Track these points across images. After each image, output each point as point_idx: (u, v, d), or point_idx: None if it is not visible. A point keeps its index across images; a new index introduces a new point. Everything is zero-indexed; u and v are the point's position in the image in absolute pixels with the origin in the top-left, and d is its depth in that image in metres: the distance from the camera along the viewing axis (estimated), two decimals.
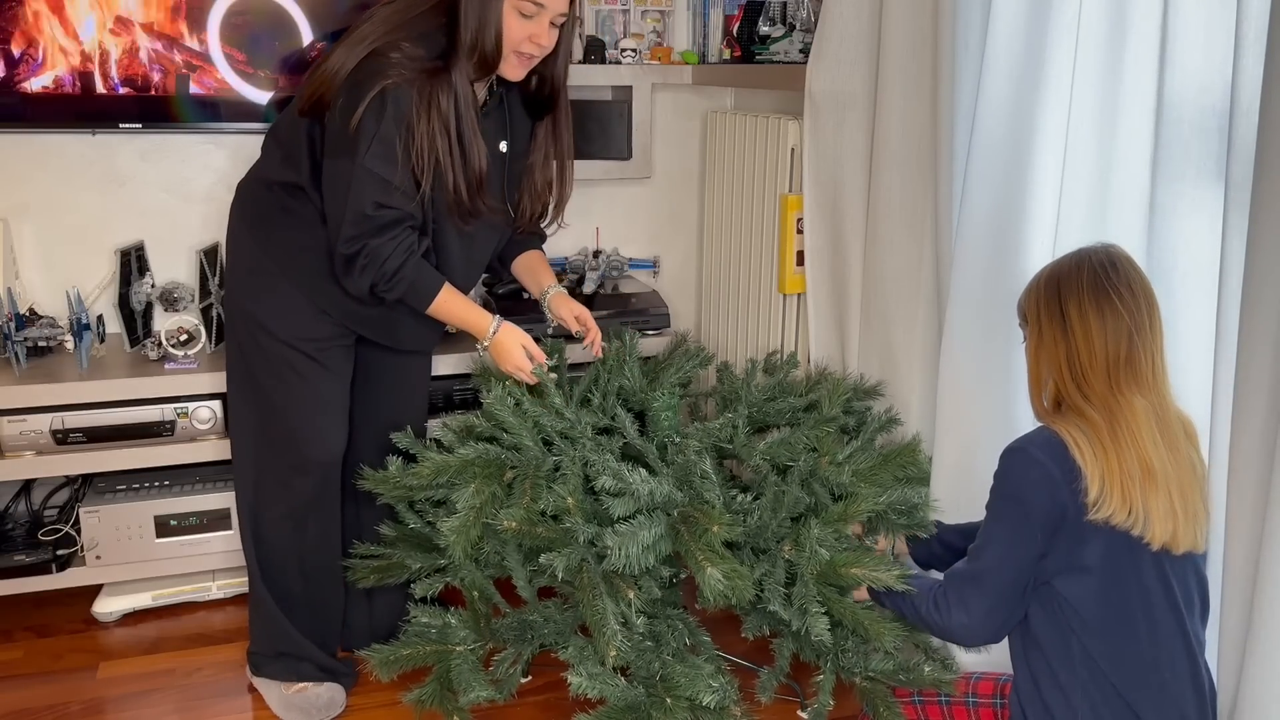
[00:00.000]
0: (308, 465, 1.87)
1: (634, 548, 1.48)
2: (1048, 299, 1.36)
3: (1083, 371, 1.33)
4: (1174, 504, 1.29)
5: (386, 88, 1.64)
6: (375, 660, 1.70)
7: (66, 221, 2.39)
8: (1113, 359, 1.31)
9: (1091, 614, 1.31)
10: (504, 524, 1.58)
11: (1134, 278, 1.34)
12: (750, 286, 2.47)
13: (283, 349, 1.82)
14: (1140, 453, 1.28)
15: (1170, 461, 1.30)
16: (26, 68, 2.16)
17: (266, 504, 1.91)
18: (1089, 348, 1.32)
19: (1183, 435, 1.34)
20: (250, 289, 1.84)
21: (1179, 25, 1.40)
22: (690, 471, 1.64)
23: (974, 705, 1.49)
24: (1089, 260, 1.35)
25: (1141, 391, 1.32)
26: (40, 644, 2.22)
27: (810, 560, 1.51)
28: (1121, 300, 1.31)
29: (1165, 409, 1.33)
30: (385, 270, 1.71)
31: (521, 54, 1.72)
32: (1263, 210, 1.20)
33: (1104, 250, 1.36)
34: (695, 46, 2.68)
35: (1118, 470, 1.28)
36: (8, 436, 2.11)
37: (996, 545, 1.35)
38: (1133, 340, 1.31)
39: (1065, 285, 1.35)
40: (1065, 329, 1.34)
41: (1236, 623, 1.29)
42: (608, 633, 1.49)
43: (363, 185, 1.67)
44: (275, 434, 1.87)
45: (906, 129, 1.88)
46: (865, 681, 1.54)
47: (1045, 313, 1.36)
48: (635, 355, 2.04)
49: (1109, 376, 1.31)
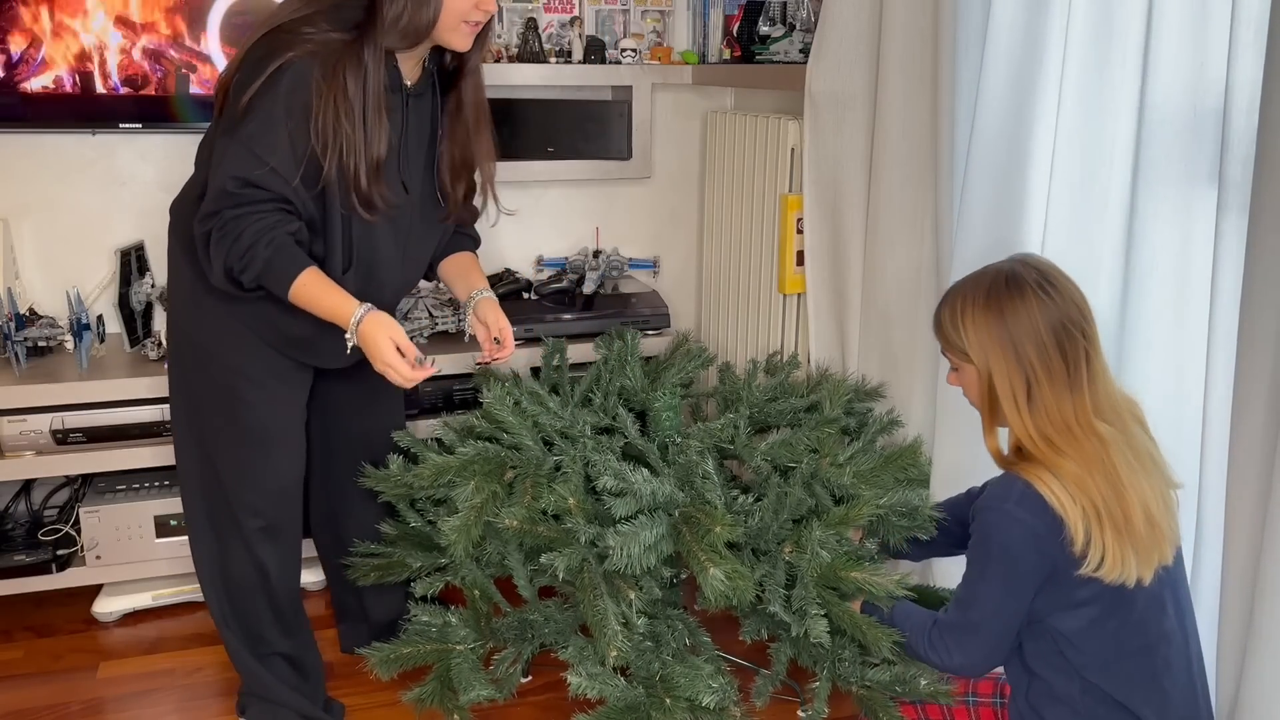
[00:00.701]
0: (258, 502, 1.75)
1: (635, 548, 1.48)
2: (991, 324, 1.31)
3: (1044, 406, 1.29)
4: (1155, 531, 1.26)
5: (286, 62, 1.51)
6: (375, 659, 1.70)
7: (66, 221, 2.39)
8: (1074, 379, 1.28)
9: (1089, 646, 1.30)
10: (505, 523, 1.58)
11: (1065, 282, 1.32)
12: (750, 286, 2.47)
13: (230, 376, 1.70)
14: (1119, 492, 1.25)
15: (1142, 476, 1.27)
16: (26, 68, 2.16)
17: (229, 551, 1.78)
18: (1047, 372, 1.28)
19: (1137, 428, 1.32)
20: (193, 318, 1.71)
21: (1178, 25, 1.40)
22: (692, 472, 1.64)
23: (974, 705, 1.49)
24: (1024, 280, 1.30)
25: (1098, 408, 1.29)
26: (40, 644, 2.22)
27: (811, 562, 1.51)
28: (1069, 312, 1.29)
29: (1117, 411, 1.31)
30: (238, 247, 1.53)
31: (469, 22, 1.60)
32: (1263, 211, 1.20)
33: (1028, 261, 1.33)
34: (695, 46, 2.68)
35: (1103, 520, 1.25)
36: (8, 436, 2.11)
37: (987, 601, 1.33)
38: (1087, 353, 1.29)
39: (1010, 312, 1.30)
40: (1019, 357, 1.29)
41: (1236, 623, 1.29)
42: (608, 633, 1.49)
43: (231, 159, 1.52)
44: (224, 467, 1.74)
45: (906, 129, 1.88)
46: (862, 690, 1.54)
47: (991, 341, 1.31)
48: (637, 355, 2.04)
49: (1072, 403, 1.28)
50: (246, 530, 1.76)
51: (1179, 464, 1.38)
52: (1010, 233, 1.62)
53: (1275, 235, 1.19)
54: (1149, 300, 1.50)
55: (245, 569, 1.79)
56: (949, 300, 1.37)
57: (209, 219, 1.55)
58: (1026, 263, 1.34)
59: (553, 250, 2.74)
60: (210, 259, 1.57)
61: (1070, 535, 1.25)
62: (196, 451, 1.77)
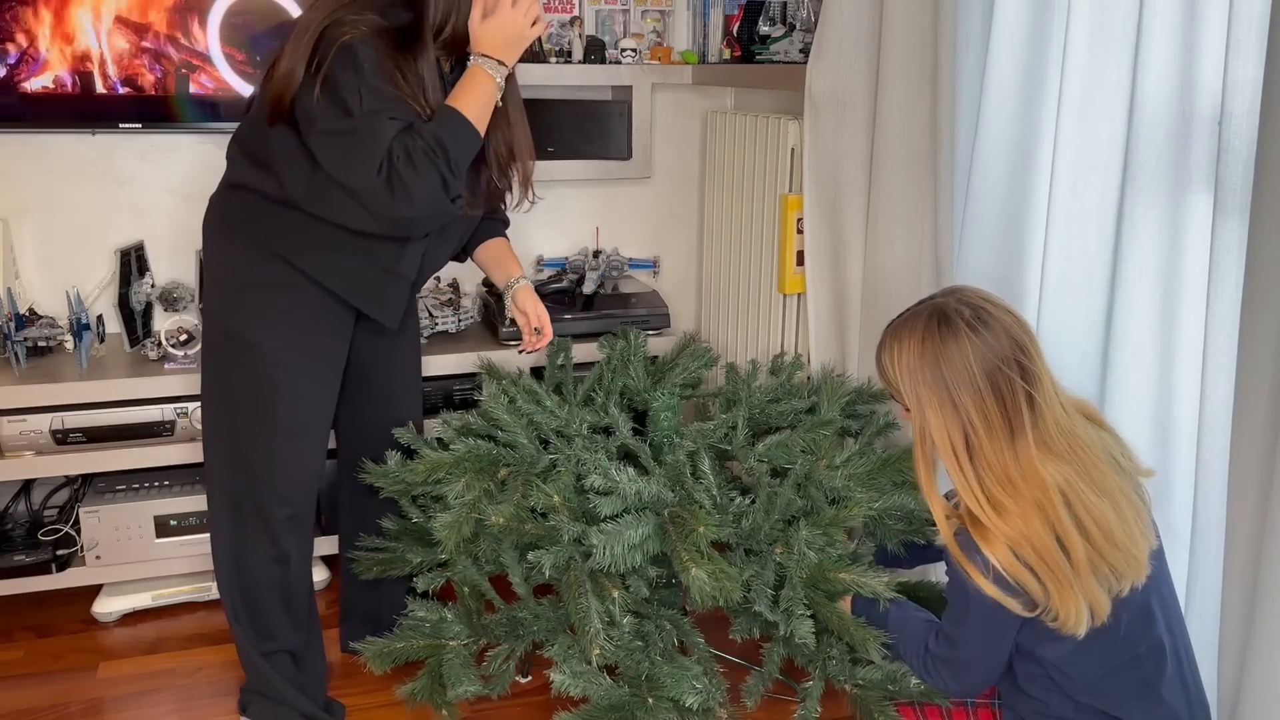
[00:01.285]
0: (287, 492, 1.77)
1: (619, 547, 1.48)
2: (927, 372, 1.28)
3: (985, 459, 1.25)
4: (1118, 553, 1.24)
5: (346, 42, 1.51)
6: (369, 653, 1.71)
7: (66, 221, 2.39)
8: (1015, 426, 1.24)
9: (1076, 670, 1.30)
10: (493, 519, 1.58)
11: (1000, 314, 1.28)
12: (750, 286, 2.47)
13: (268, 369, 1.71)
14: (1066, 538, 1.22)
15: (1104, 496, 1.24)
16: (26, 68, 2.16)
17: (250, 543, 1.79)
18: (985, 424, 1.25)
19: (1092, 430, 1.29)
20: (234, 306, 1.72)
21: (1169, 27, 1.39)
22: (681, 472, 1.64)
23: (972, 706, 1.49)
24: (955, 319, 1.27)
25: (1044, 443, 1.25)
26: (40, 644, 2.22)
27: (799, 563, 1.50)
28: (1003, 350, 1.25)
29: (1068, 432, 1.27)
30: (429, 146, 1.53)
31: None
32: (1264, 213, 1.20)
33: (962, 296, 1.30)
34: (695, 46, 2.68)
35: (1048, 576, 1.22)
36: (8, 436, 2.11)
37: (972, 642, 1.33)
38: (1027, 394, 1.25)
39: (944, 359, 1.26)
40: (955, 407, 1.26)
41: (1236, 623, 1.29)
42: (591, 631, 1.49)
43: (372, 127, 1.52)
44: (253, 459, 1.74)
45: (906, 129, 1.87)
46: (855, 689, 1.54)
47: (927, 391, 1.28)
48: (640, 355, 2.04)
49: (1013, 451, 1.24)
50: (274, 520, 1.77)
51: (1162, 464, 1.38)
52: (1015, 238, 1.61)
53: (1276, 235, 1.18)
54: (1138, 303, 1.49)
55: (264, 562, 1.80)
56: (885, 344, 1.35)
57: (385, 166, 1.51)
58: (960, 297, 1.30)
59: (553, 250, 2.74)
60: (418, 183, 1.53)
61: (1042, 608, 1.24)
62: (226, 444, 1.77)
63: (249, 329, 1.71)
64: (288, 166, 1.63)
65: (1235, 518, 1.28)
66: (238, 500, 1.78)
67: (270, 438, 1.74)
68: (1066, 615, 1.22)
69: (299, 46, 1.55)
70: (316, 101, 1.53)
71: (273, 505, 1.76)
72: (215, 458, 1.79)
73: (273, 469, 1.75)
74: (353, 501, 2.04)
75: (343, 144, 1.54)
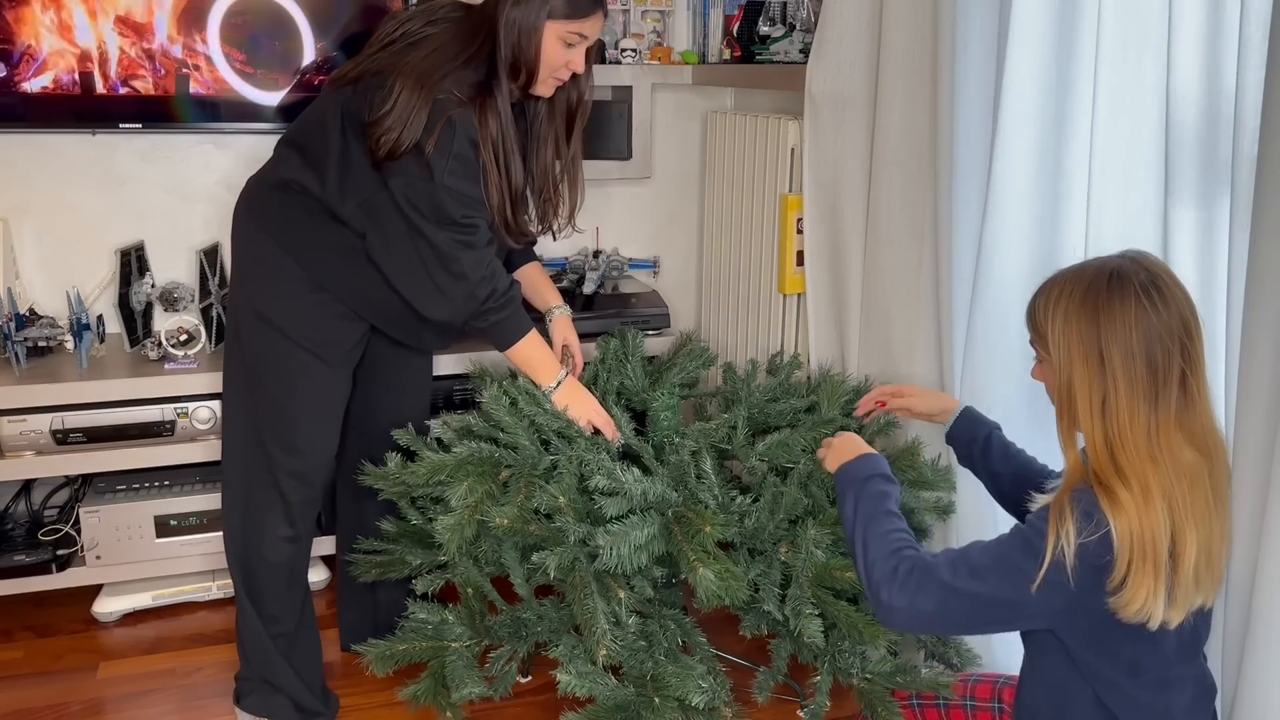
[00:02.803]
0: (305, 471, 1.82)
1: (625, 547, 1.48)
2: (1083, 326, 1.19)
3: (1117, 418, 1.17)
4: (1211, 574, 1.18)
5: (453, 115, 1.65)
6: (371, 654, 1.71)
7: (66, 221, 2.39)
8: (1160, 395, 1.16)
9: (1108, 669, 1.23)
10: (496, 521, 1.58)
11: (1175, 290, 1.19)
12: (750, 286, 2.47)
13: (296, 351, 1.77)
14: (1180, 528, 1.15)
15: (1215, 518, 1.18)
16: (26, 68, 2.16)
17: (261, 521, 1.83)
18: (1129, 383, 1.17)
19: (1223, 468, 1.22)
20: (264, 290, 1.78)
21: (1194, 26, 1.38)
22: (685, 472, 1.64)
23: (972, 709, 1.48)
24: (1129, 281, 1.18)
25: (1190, 434, 1.17)
26: (40, 644, 2.22)
27: (806, 562, 1.51)
28: (1170, 325, 1.16)
29: (1211, 447, 1.20)
30: (497, 286, 1.75)
31: (558, 78, 1.76)
32: (1264, 214, 1.20)
33: (1140, 261, 1.21)
34: (695, 46, 2.68)
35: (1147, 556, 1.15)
36: (8, 436, 2.11)
37: (986, 592, 1.21)
38: (1183, 373, 1.17)
39: (1105, 314, 1.18)
40: (1102, 365, 1.18)
41: (1236, 623, 1.29)
42: (598, 632, 1.49)
43: (449, 201, 1.68)
44: (273, 439, 1.80)
45: (906, 129, 1.87)
46: (863, 683, 1.54)
47: (1077, 343, 1.20)
48: (639, 354, 2.04)
49: (1153, 418, 1.16)
50: (292, 501, 1.82)
51: None
52: (1047, 241, 1.58)
53: (1276, 236, 1.18)
54: None
55: (279, 543, 1.83)
56: (1046, 289, 1.26)
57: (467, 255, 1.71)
58: (1138, 261, 1.21)
59: (553, 250, 2.74)
60: (469, 288, 1.73)
61: (1114, 562, 1.16)
62: (250, 424, 1.82)
63: (279, 313, 1.77)
64: (342, 169, 1.74)
65: (1235, 517, 1.28)
66: (257, 480, 1.82)
67: (295, 418, 1.80)
68: (1143, 598, 1.14)
69: (415, 98, 1.64)
70: (402, 145, 1.65)
71: (294, 485, 1.81)
72: (237, 438, 1.84)
73: (296, 449, 1.80)
74: (349, 506, 2.05)
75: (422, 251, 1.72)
